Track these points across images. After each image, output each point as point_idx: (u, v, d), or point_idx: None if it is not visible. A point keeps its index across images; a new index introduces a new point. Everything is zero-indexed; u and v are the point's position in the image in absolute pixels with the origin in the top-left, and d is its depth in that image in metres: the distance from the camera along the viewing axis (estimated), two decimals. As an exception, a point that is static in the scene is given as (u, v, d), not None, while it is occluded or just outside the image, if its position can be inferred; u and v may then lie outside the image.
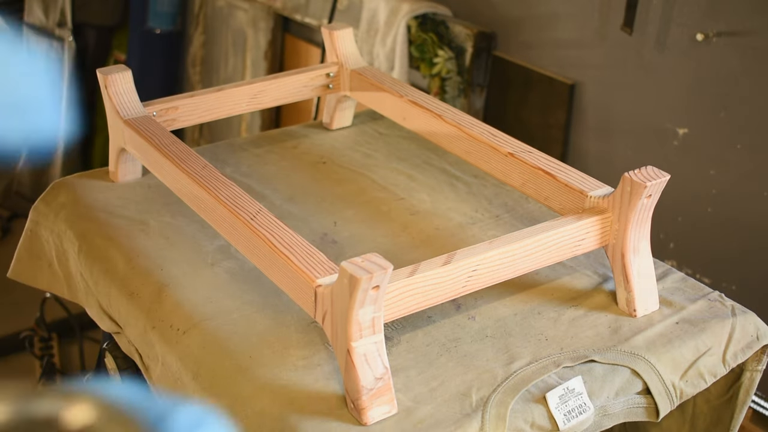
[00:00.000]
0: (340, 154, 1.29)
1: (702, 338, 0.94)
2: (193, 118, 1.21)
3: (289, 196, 1.18)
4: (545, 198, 1.01)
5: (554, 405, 0.84)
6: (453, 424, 0.80)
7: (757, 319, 0.99)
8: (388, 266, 0.76)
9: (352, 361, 0.79)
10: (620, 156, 1.79)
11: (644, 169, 0.92)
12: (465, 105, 1.99)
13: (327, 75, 1.28)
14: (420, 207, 1.15)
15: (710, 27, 1.56)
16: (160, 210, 1.14)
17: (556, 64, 1.87)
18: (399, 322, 0.93)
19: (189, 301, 0.97)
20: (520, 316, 0.96)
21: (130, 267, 1.04)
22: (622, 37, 1.71)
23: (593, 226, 0.94)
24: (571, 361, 0.89)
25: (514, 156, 1.04)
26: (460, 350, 0.90)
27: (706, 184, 1.64)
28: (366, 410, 0.80)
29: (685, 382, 0.92)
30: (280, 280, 0.87)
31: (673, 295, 1.00)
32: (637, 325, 0.95)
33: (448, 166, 1.27)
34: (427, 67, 2.05)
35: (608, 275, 1.03)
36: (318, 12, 2.37)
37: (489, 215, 1.15)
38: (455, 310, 0.96)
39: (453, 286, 0.86)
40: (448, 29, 2.00)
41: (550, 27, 1.87)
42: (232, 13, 2.70)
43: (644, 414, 0.92)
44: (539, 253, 0.91)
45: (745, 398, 1.00)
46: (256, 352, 0.90)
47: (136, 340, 1.00)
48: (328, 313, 0.80)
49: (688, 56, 1.61)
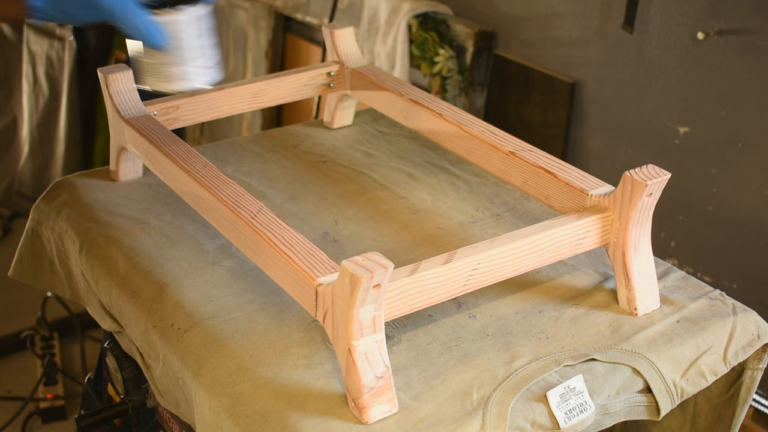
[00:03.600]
0: (340, 153, 1.29)
1: (703, 337, 0.94)
2: (194, 117, 1.21)
3: (289, 195, 1.18)
4: (546, 197, 1.01)
5: (555, 404, 0.84)
6: (454, 423, 0.80)
7: (758, 318, 0.99)
8: (388, 265, 0.76)
9: (353, 360, 0.79)
10: (621, 155, 1.79)
11: (645, 168, 0.92)
12: (466, 104, 1.99)
13: (328, 74, 1.28)
14: (421, 206, 1.15)
15: (711, 26, 1.55)
16: (161, 209, 1.14)
17: (557, 62, 1.87)
18: (400, 320, 0.93)
19: (190, 300, 0.97)
20: (521, 315, 0.96)
21: (131, 266, 1.04)
22: (622, 35, 1.71)
23: (594, 225, 0.94)
24: (572, 359, 0.89)
25: (515, 155, 1.04)
26: (461, 349, 0.90)
27: (707, 183, 1.63)
28: (367, 409, 0.80)
29: (686, 381, 0.92)
30: (281, 279, 0.87)
31: (674, 293, 1.00)
32: (638, 323, 0.95)
33: (448, 165, 1.27)
34: (428, 65, 2.05)
35: (609, 274, 1.03)
36: (319, 11, 2.37)
37: (490, 214, 1.15)
38: (456, 309, 0.96)
39: (454, 284, 0.86)
40: (449, 28, 2.00)
41: (550, 26, 1.87)
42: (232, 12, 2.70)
43: (645, 413, 0.92)
44: (540, 251, 0.91)
45: (746, 397, 1.00)
46: (256, 350, 0.90)
47: (137, 339, 1.00)
48: (329, 311, 0.80)
49: (688, 55, 1.61)
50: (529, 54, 1.93)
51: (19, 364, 2.25)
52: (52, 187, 1.22)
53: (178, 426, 1.07)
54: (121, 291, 1.02)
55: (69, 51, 2.78)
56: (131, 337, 1.01)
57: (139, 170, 1.22)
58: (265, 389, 0.84)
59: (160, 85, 0.96)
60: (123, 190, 1.20)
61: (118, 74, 1.14)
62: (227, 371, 0.88)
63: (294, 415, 0.81)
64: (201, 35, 0.94)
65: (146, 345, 0.98)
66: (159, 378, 0.96)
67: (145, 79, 0.97)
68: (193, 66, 0.94)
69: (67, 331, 2.32)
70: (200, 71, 0.96)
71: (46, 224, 1.19)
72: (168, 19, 0.93)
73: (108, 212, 1.14)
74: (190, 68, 0.94)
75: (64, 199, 1.18)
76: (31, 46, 2.74)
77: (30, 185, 2.82)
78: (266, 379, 0.86)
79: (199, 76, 0.96)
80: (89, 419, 1.09)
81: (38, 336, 2.27)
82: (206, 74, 0.97)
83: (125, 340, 1.03)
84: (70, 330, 2.31)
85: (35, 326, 2.30)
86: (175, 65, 0.94)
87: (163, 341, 0.94)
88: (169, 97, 1.19)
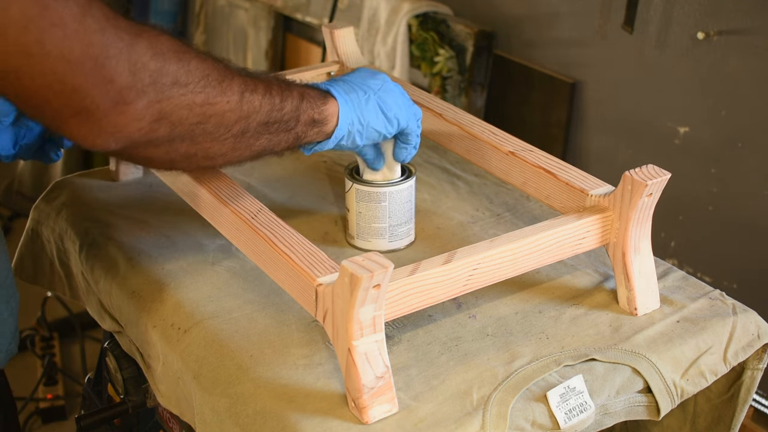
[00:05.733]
0: (341, 153, 1.29)
1: (703, 337, 0.94)
2: (194, 117, 1.20)
3: (289, 194, 1.18)
4: (546, 197, 1.01)
5: (555, 404, 0.84)
6: (454, 423, 0.80)
7: (758, 318, 0.99)
8: (388, 265, 0.76)
9: (353, 360, 0.79)
10: (621, 154, 1.79)
11: (645, 168, 0.92)
12: (466, 104, 1.99)
13: (328, 74, 1.28)
14: (421, 206, 1.15)
15: (711, 26, 1.56)
16: (161, 209, 1.14)
17: (557, 62, 1.87)
18: (400, 320, 0.93)
19: (190, 300, 0.97)
20: (521, 315, 0.96)
21: (131, 266, 1.04)
22: (622, 35, 1.71)
23: (594, 225, 0.94)
24: (572, 359, 0.89)
25: (515, 155, 1.04)
26: (461, 349, 0.90)
27: (707, 183, 1.64)
28: (367, 409, 0.80)
29: (686, 381, 0.92)
30: (281, 279, 0.87)
31: (674, 293, 1.00)
32: (638, 323, 0.95)
33: (448, 164, 1.27)
34: (428, 65, 2.05)
35: (609, 274, 1.03)
36: (319, 11, 2.38)
37: (490, 214, 1.15)
38: (456, 309, 0.96)
39: (454, 284, 0.86)
40: (449, 28, 2.00)
41: (550, 26, 1.87)
42: (232, 12, 2.70)
43: (645, 413, 0.92)
44: (540, 251, 0.91)
45: (746, 397, 1.00)
46: (256, 350, 0.90)
47: (137, 340, 1.00)
48: (329, 311, 0.80)
49: (688, 55, 1.61)
50: (529, 54, 1.93)
51: (19, 364, 2.25)
52: (52, 187, 1.22)
53: (178, 426, 1.07)
54: (121, 291, 1.02)
55: (69, 51, 2.78)
56: (131, 337, 1.01)
57: (139, 170, 1.22)
58: (265, 389, 0.84)
59: (365, 243, 1.06)
60: (123, 190, 1.20)
61: (118, 74, 1.14)
62: (227, 371, 0.88)
63: (294, 415, 0.81)
64: (411, 200, 1.05)
65: (146, 345, 0.98)
66: (159, 378, 0.96)
67: (352, 238, 1.07)
68: (399, 228, 1.05)
69: (67, 331, 2.32)
70: (403, 233, 1.06)
71: (46, 224, 1.19)
72: (404, 186, 1.04)
73: (108, 212, 1.14)
74: (399, 230, 1.05)
75: (64, 199, 1.18)
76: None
77: (30, 185, 2.82)
78: (266, 379, 0.86)
79: (402, 237, 1.06)
80: (89, 419, 1.09)
81: (38, 336, 2.28)
82: (408, 237, 1.07)
83: (125, 340, 1.03)
84: (70, 330, 2.31)
85: (35, 326, 2.30)
86: (387, 225, 1.05)
87: (163, 341, 0.94)
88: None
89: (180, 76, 0.75)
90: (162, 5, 2.79)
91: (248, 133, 0.83)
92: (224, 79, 0.79)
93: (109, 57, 0.69)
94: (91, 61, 0.68)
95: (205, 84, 0.77)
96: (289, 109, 0.86)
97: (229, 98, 0.80)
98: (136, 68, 0.71)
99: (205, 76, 0.77)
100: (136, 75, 0.71)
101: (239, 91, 0.81)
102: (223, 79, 0.79)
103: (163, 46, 0.73)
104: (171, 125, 0.76)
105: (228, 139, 0.82)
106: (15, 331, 1.01)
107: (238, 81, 0.81)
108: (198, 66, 0.77)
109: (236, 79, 0.81)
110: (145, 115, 0.73)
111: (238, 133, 0.82)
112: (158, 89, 0.73)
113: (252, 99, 0.82)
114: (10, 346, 1.01)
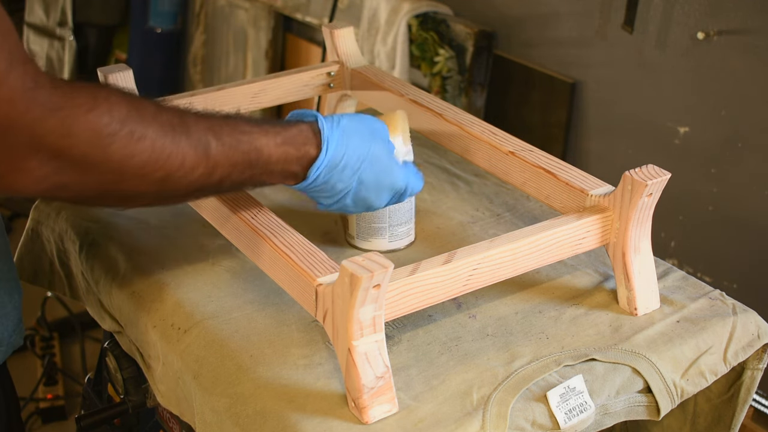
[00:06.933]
0: (340, 153, 1.29)
1: (703, 337, 0.94)
2: (194, 117, 1.20)
3: (290, 195, 1.18)
4: (546, 197, 1.01)
5: (555, 404, 0.84)
6: (454, 423, 0.80)
7: (758, 318, 0.99)
8: (388, 265, 0.76)
9: (353, 360, 0.79)
10: (621, 154, 1.79)
11: (645, 168, 0.92)
12: (466, 104, 1.99)
13: (328, 74, 1.28)
14: (420, 206, 1.15)
15: (711, 26, 1.56)
16: (161, 209, 1.14)
17: (557, 62, 1.87)
18: (400, 320, 0.93)
19: (190, 300, 0.97)
20: (521, 315, 0.96)
21: (131, 266, 1.04)
22: (622, 35, 1.71)
23: (594, 225, 0.94)
24: (572, 359, 0.89)
25: (515, 155, 1.04)
26: (461, 349, 0.90)
27: (707, 183, 1.64)
28: (367, 409, 0.80)
29: (686, 381, 0.92)
30: (281, 279, 0.87)
31: (674, 293, 1.00)
32: (638, 323, 0.95)
33: (448, 164, 1.27)
34: (428, 65, 2.05)
35: (609, 274, 1.03)
36: (319, 11, 2.38)
37: (490, 214, 1.15)
38: (456, 309, 0.96)
39: (454, 284, 0.86)
40: (449, 28, 2.00)
41: (550, 26, 1.87)
42: (233, 12, 2.70)
43: (645, 413, 0.92)
44: (540, 251, 0.91)
45: (746, 397, 1.00)
46: (256, 350, 0.90)
47: (137, 340, 1.00)
48: (329, 311, 0.80)
49: (688, 55, 1.61)
50: (529, 54, 1.93)
51: (19, 364, 2.25)
52: (52, 187, 1.22)
53: (178, 426, 1.07)
54: (121, 291, 1.02)
55: (69, 51, 2.79)
56: (131, 337, 1.01)
57: (139, 170, 1.22)
58: (265, 389, 0.84)
59: (365, 243, 1.06)
60: (123, 190, 1.19)
61: (118, 74, 1.14)
62: (227, 371, 0.88)
63: (294, 415, 0.81)
64: (411, 200, 1.06)
65: (146, 345, 0.98)
66: (159, 378, 0.96)
67: (352, 238, 1.07)
68: (399, 228, 1.06)
69: (67, 331, 2.32)
70: (403, 233, 1.07)
71: (46, 224, 1.19)
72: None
73: (108, 212, 1.14)
74: (398, 230, 1.06)
75: (64, 199, 1.18)
76: (31, 46, 2.74)
77: (30, 185, 2.81)
78: (266, 379, 0.86)
79: (402, 237, 1.07)
80: (89, 419, 1.09)
81: (38, 336, 2.28)
82: (408, 237, 1.08)
83: (125, 340, 1.03)
84: (70, 330, 2.31)
85: (35, 326, 2.30)
86: (387, 225, 1.05)
87: (163, 341, 0.94)
88: (169, 97, 1.18)
89: (90, 157, 0.70)
90: (162, 6, 2.79)
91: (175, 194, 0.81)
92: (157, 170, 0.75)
93: (12, 127, 0.66)
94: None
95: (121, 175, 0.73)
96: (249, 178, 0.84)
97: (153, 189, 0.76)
98: (40, 144, 0.68)
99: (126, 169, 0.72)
100: (39, 151, 0.68)
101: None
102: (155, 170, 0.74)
103: (85, 125, 0.69)
104: (75, 192, 0.73)
105: (151, 187, 0.77)
106: (19, 323, 1.01)
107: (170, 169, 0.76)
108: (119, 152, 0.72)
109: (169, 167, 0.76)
110: (44, 183, 0.70)
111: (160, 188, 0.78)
112: (60, 167, 0.70)
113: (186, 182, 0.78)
114: (14, 338, 1.01)
